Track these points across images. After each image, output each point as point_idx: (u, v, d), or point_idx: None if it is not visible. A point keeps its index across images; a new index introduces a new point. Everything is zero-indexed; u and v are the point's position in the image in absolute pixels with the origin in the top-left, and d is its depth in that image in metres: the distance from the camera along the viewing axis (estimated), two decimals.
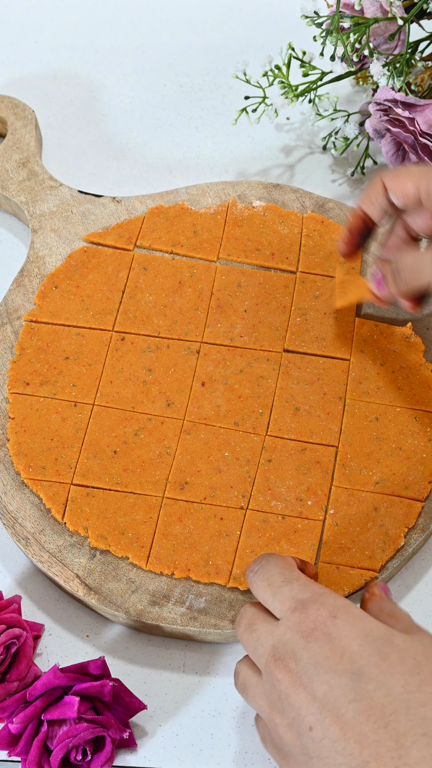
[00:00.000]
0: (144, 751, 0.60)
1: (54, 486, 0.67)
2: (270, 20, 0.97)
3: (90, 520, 0.66)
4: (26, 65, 0.95)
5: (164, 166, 0.88)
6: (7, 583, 0.67)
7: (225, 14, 0.99)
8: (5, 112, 0.86)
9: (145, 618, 0.63)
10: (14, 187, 0.82)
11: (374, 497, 0.66)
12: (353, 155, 0.88)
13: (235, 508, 0.66)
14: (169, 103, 0.93)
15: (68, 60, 0.96)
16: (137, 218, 0.79)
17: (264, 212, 0.79)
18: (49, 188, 0.82)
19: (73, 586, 0.64)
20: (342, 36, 0.77)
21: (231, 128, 0.89)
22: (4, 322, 0.75)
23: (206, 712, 0.62)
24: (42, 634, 0.65)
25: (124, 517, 0.66)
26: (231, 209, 0.79)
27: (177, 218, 0.79)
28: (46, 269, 0.77)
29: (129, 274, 0.76)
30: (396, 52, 0.81)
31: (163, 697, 0.62)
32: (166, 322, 0.74)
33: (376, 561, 0.64)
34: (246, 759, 0.60)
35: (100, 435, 0.69)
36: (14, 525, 0.66)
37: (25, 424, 0.70)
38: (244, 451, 0.68)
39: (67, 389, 0.71)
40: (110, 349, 0.73)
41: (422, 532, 0.65)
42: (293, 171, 0.87)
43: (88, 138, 0.90)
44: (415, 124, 0.74)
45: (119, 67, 0.95)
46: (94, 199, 0.81)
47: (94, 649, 0.64)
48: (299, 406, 0.70)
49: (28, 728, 0.58)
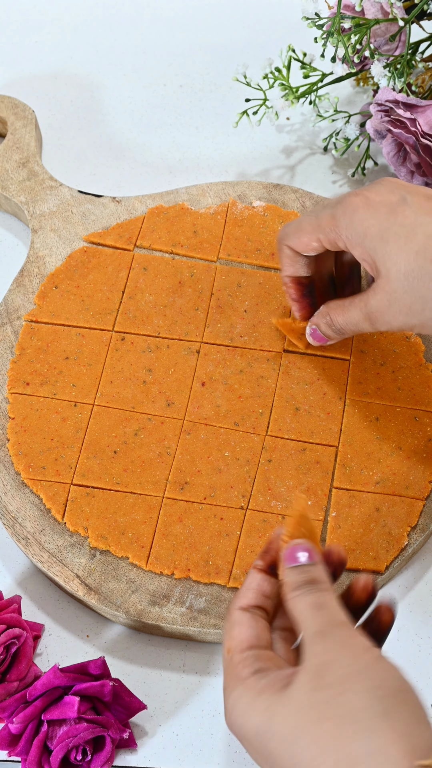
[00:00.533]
0: (144, 751, 0.60)
1: (54, 486, 0.67)
2: (270, 21, 0.97)
3: (90, 520, 0.66)
4: (26, 65, 0.95)
5: (164, 166, 0.88)
6: (7, 583, 0.67)
7: (225, 15, 0.99)
8: (5, 112, 0.86)
9: (145, 618, 0.63)
10: (14, 187, 0.82)
11: (375, 497, 0.66)
12: (354, 156, 0.88)
13: (235, 508, 0.66)
14: (169, 103, 0.93)
15: (68, 60, 0.96)
16: (137, 218, 0.79)
17: (264, 212, 0.79)
18: (49, 188, 0.82)
19: (73, 586, 0.64)
20: (343, 37, 0.77)
21: (231, 128, 0.89)
22: (4, 322, 0.74)
23: (206, 712, 0.62)
24: (42, 634, 0.65)
25: (124, 517, 0.66)
26: (231, 209, 0.79)
27: (177, 218, 0.79)
28: (46, 269, 0.77)
29: (129, 274, 0.76)
30: (397, 53, 0.81)
31: (163, 697, 0.62)
32: (166, 322, 0.74)
33: (380, 562, 0.64)
34: (246, 759, 0.60)
35: (100, 435, 0.69)
36: (14, 525, 0.66)
37: (25, 424, 0.69)
38: (244, 451, 0.68)
39: (67, 389, 0.71)
40: (110, 349, 0.73)
41: (423, 532, 0.65)
42: (294, 172, 0.87)
43: (88, 138, 0.90)
44: (416, 125, 0.74)
45: (119, 67, 0.95)
46: (94, 199, 0.81)
47: (94, 649, 0.64)
48: (299, 406, 0.70)
49: (28, 728, 0.58)
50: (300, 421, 0.69)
